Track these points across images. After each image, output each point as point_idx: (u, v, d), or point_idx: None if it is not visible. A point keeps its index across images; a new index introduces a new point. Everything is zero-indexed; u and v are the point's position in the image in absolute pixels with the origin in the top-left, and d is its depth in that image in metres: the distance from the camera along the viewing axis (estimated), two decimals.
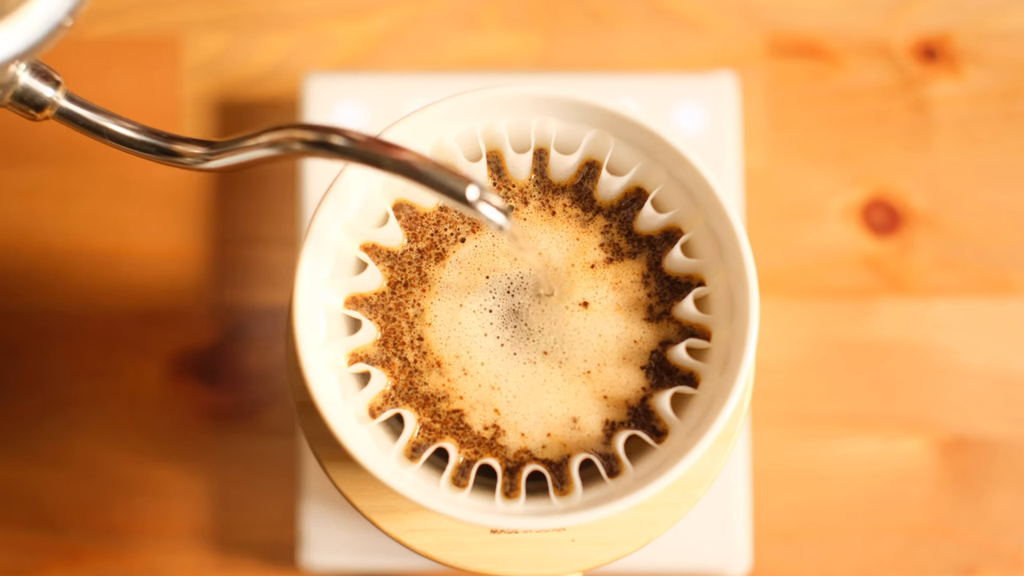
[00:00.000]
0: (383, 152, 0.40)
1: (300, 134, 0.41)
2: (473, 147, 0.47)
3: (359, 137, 0.40)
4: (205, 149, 0.44)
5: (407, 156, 0.40)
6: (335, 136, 0.40)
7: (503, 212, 0.41)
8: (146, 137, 0.45)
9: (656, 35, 0.72)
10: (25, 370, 0.70)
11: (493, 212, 0.40)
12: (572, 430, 0.46)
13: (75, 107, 0.45)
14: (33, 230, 0.71)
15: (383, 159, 0.40)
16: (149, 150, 0.45)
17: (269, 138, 0.42)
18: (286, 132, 0.41)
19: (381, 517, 0.49)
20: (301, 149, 0.41)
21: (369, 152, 0.40)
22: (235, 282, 0.70)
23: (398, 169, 0.40)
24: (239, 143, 0.43)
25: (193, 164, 0.45)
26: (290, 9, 0.72)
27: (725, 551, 0.65)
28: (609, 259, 0.47)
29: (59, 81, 0.44)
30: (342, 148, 0.40)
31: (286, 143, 0.41)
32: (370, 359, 0.46)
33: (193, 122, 0.71)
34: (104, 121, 0.45)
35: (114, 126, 0.45)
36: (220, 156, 0.44)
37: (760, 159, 0.71)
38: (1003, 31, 0.72)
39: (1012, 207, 0.71)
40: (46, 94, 0.44)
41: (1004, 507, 0.69)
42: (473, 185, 0.40)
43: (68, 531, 0.69)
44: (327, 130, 0.40)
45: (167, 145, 0.45)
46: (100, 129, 0.45)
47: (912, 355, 0.70)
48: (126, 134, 0.45)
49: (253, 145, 0.43)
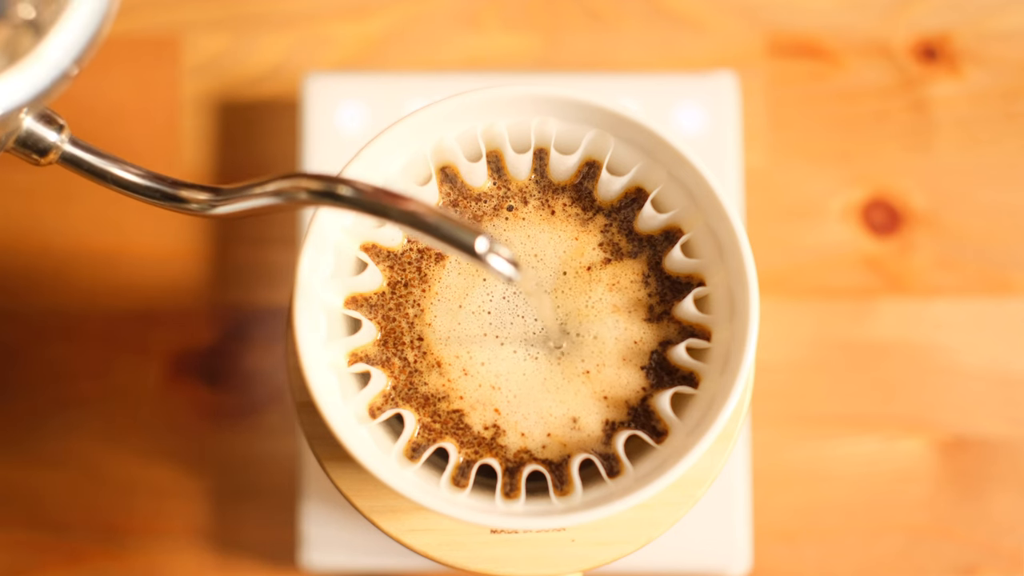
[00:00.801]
0: (390, 203, 0.39)
1: (306, 183, 0.41)
2: (473, 147, 0.47)
3: (366, 188, 0.40)
4: (211, 196, 0.44)
5: (414, 207, 0.39)
6: (342, 187, 0.40)
7: (513, 264, 0.40)
8: (151, 183, 0.45)
9: (656, 35, 0.72)
10: (25, 370, 0.70)
11: (503, 264, 0.40)
12: (572, 430, 0.46)
13: (79, 151, 0.44)
14: (33, 230, 0.71)
15: (390, 210, 0.39)
16: (154, 196, 0.45)
17: (276, 187, 0.42)
18: (292, 181, 0.41)
19: (381, 517, 0.49)
20: (307, 198, 0.41)
21: (376, 203, 0.39)
22: (235, 282, 0.70)
23: (405, 220, 0.39)
24: (245, 191, 0.43)
25: (199, 211, 0.44)
26: (290, 9, 0.73)
27: (725, 551, 0.65)
28: (607, 259, 0.47)
29: (63, 125, 0.44)
30: (348, 199, 0.40)
31: (292, 192, 0.41)
32: (370, 359, 0.46)
33: (193, 122, 0.71)
34: (108, 166, 0.45)
35: (119, 171, 0.45)
36: (225, 203, 0.44)
37: (760, 159, 0.71)
38: (1003, 31, 0.72)
39: (1012, 207, 0.71)
40: (50, 139, 0.44)
41: (1004, 507, 0.69)
42: (482, 237, 0.39)
43: (68, 531, 0.69)
44: (334, 180, 0.40)
45: (172, 191, 0.45)
46: (104, 174, 0.45)
47: (912, 355, 0.70)
48: (131, 179, 0.45)
49: (259, 193, 0.42)
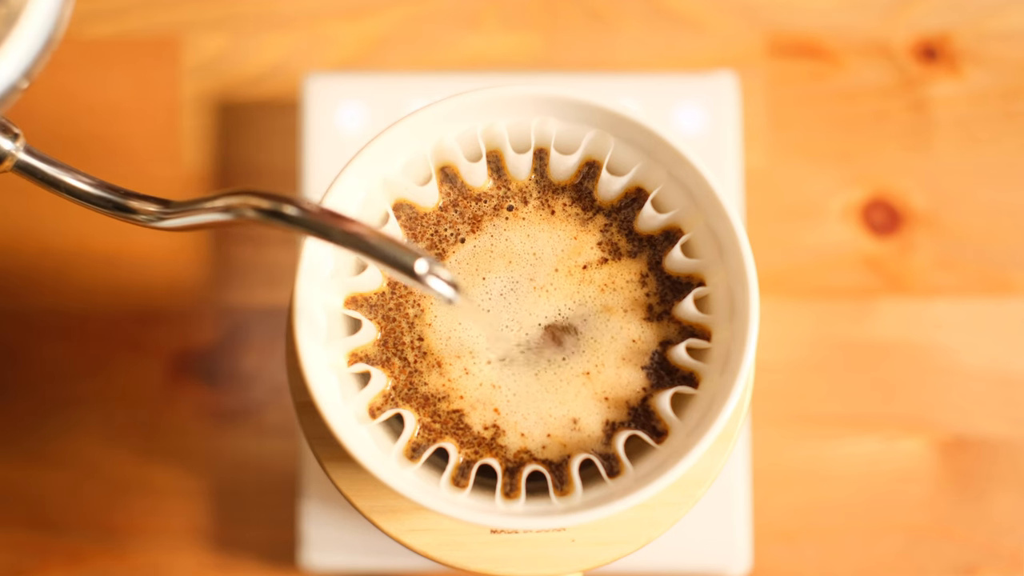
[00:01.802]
0: (334, 224, 0.40)
1: (255, 201, 0.41)
2: (473, 147, 0.47)
3: (311, 208, 0.40)
4: (160, 208, 0.44)
5: (357, 229, 0.40)
6: (288, 206, 0.40)
7: (452, 285, 0.41)
8: (103, 192, 0.45)
9: (656, 35, 0.72)
10: (25, 370, 0.70)
11: (442, 286, 0.40)
12: (572, 430, 0.46)
13: (34, 160, 0.44)
14: (33, 230, 0.71)
15: (333, 231, 0.40)
16: (106, 205, 0.45)
17: (224, 203, 0.42)
18: (241, 198, 0.41)
19: (381, 517, 0.49)
20: (254, 216, 0.41)
21: (320, 223, 0.40)
22: (235, 282, 0.70)
23: (347, 242, 0.40)
24: (195, 205, 0.43)
25: (147, 222, 0.44)
26: (290, 9, 0.73)
27: (725, 551, 0.65)
28: (605, 259, 0.47)
29: (17, 134, 0.44)
30: (294, 218, 0.40)
31: (240, 209, 0.41)
32: (370, 359, 0.46)
33: (193, 122, 0.71)
34: (62, 175, 0.45)
35: (72, 180, 0.45)
36: (174, 216, 0.44)
37: (760, 159, 0.71)
38: (1003, 31, 0.72)
39: (1012, 207, 0.71)
40: (4, 147, 0.44)
41: (1004, 507, 0.69)
42: (422, 259, 0.40)
43: (68, 531, 0.69)
44: (280, 199, 0.40)
45: (123, 201, 0.45)
46: (58, 183, 0.45)
47: (912, 355, 0.70)
48: (83, 188, 0.45)
49: (209, 208, 0.42)
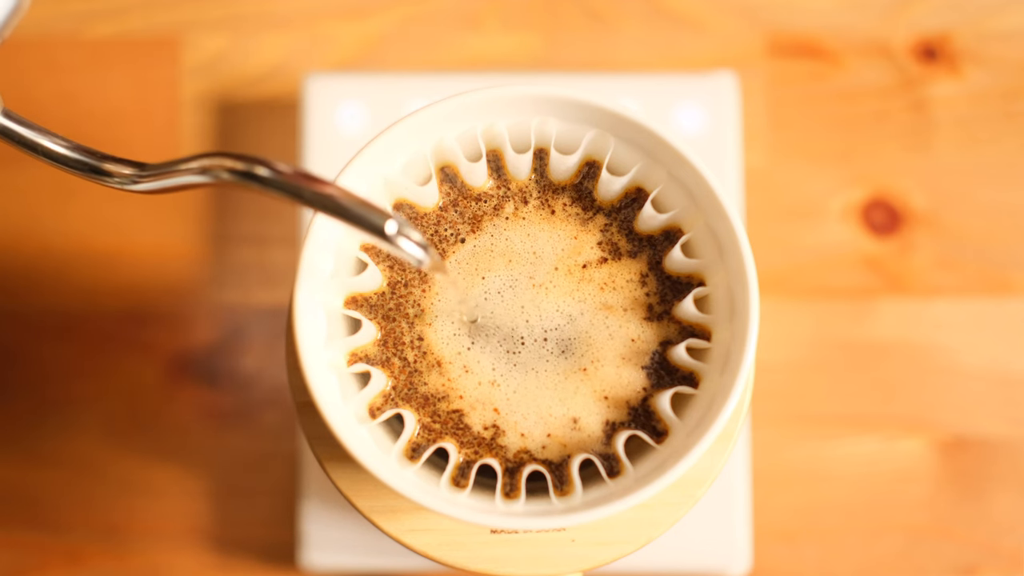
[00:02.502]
0: (305, 185, 0.40)
1: (229, 163, 0.41)
2: (473, 147, 0.47)
3: (285, 169, 0.40)
4: (134, 171, 0.44)
5: (329, 190, 0.40)
6: (260, 167, 0.41)
7: (421, 247, 0.41)
8: (78, 155, 0.45)
9: (656, 35, 0.72)
10: (25, 370, 0.70)
11: (412, 247, 0.41)
12: (572, 430, 0.46)
13: (11, 124, 0.45)
14: (33, 230, 0.71)
15: (304, 191, 0.40)
16: (81, 167, 0.45)
17: (199, 164, 0.42)
18: (215, 160, 0.42)
19: (381, 517, 0.49)
20: (228, 178, 0.41)
21: (292, 184, 0.40)
22: (235, 282, 0.70)
23: (318, 203, 0.40)
24: (169, 167, 0.43)
25: (121, 185, 0.45)
26: (290, 9, 0.73)
27: (725, 551, 0.65)
28: (604, 258, 0.47)
29: None
30: (267, 179, 0.41)
31: (214, 171, 0.42)
32: (370, 359, 0.46)
33: (193, 122, 0.71)
34: (38, 138, 0.45)
35: (48, 143, 0.45)
36: (149, 179, 0.44)
37: (760, 159, 0.71)
38: (1003, 31, 0.72)
39: (1012, 207, 0.71)
40: None
41: (1004, 507, 0.69)
42: (391, 220, 0.40)
43: (68, 531, 0.69)
44: (253, 160, 0.41)
45: (97, 164, 0.45)
46: (35, 146, 0.45)
47: (912, 355, 0.70)
48: (59, 151, 0.45)
49: (183, 170, 0.43)
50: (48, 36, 0.72)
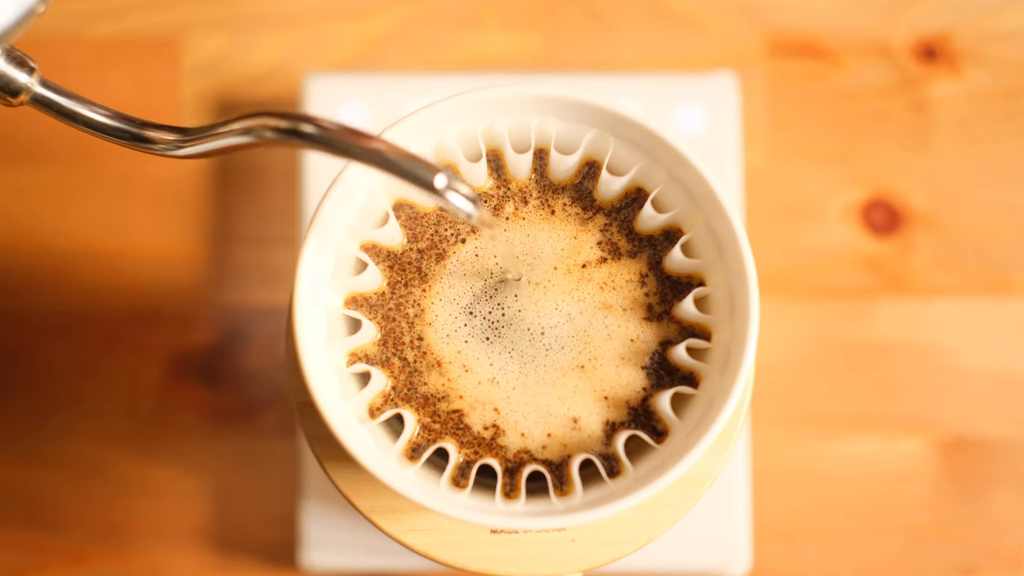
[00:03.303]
0: (353, 141, 0.40)
1: (272, 122, 0.41)
2: (473, 147, 0.47)
3: (331, 126, 0.40)
4: (178, 136, 0.44)
5: (377, 145, 0.40)
6: (306, 124, 0.40)
7: (471, 200, 0.41)
8: (119, 123, 0.45)
9: (656, 35, 0.72)
10: (25, 370, 0.70)
11: (461, 200, 0.41)
12: (572, 430, 0.46)
13: (50, 93, 0.44)
14: (33, 230, 0.71)
15: (353, 147, 0.40)
16: (123, 136, 0.45)
17: (242, 125, 0.42)
18: (258, 119, 0.41)
19: (381, 517, 0.49)
20: (273, 137, 0.41)
21: (339, 140, 0.40)
22: (235, 282, 0.70)
23: (367, 158, 0.40)
24: (212, 130, 0.43)
25: (165, 151, 0.44)
26: (290, 9, 0.73)
27: (725, 551, 0.65)
28: (603, 258, 0.47)
29: (34, 68, 0.44)
30: (313, 136, 0.40)
31: (258, 130, 0.41)
32: (370, 359, 0.46)
33: (193, 122, 0.71)
34: (78, 107, 0.45)
35: (88, 112, 0.45)
36: (192, 143, 0.44)
37: (760, 159, 0.71)
38: (1003, 31, 0.72)
39: (1012, 207, 0.71)
40: (21, 80, 0.44)
41: (1004, 507, 0.69)
42: (441, 174, 0.40)
43: (68, 531, 0.69)
44: (298, 118, 0.41)
45: (139, 131, 0.45)
46: (74, 115, 0.45)
47: (912, 355, 0.70)
48: (99, 120, 0.45)
49: (225, 132, 0.42)
50: (49, 36, 0.72)
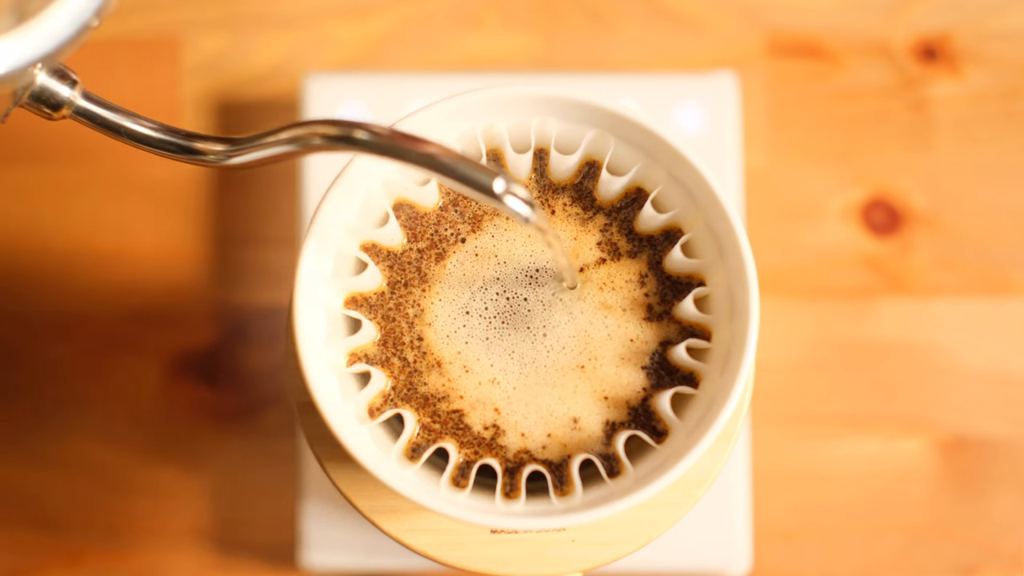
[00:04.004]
0: (407, 145, 0.40)
1: (323, 129, 0.41)
2: (473, 147, 0.47)
3: (383, 131, 0.40)
4: (227, 146, 0.44)
5: (431, 149, 0.40)
6: (359, 131, 0.40)
7: (529, 204, 0.40)
8: (166, 136, 0.45)
9: (656, 35, 0.72)
10: (25, 370, 0.70)
11: (519, 205, 0.40)
12: (572, 430, 0.46)
13: (92, 106, 0.44)
14: (33, 230, 0.71)
15: (407, 152, 0.40)
16: (170, 148, 0.45)
17: (291, 134, 0.42)
18: (308, 128, 0.41)
19: (381, 517, 0.49)
20: (322, 144, 0.41)
21: (393, 145, 0.40)
22: (235, 282, 0.70)
23: (423, 162, 0.40)
24: (260, 139, 0.43)
25: (216, 162, 0.44)
26: (290, 9, 0.73)
27: (725, 551, 0.65)
28: (603, 258, 0.47)
29: (76, 80, 0.44)
30: (366, 142, 0.40)
31: (307, 139, 0.41)
32: (370, 359, 0.46)
33: (193, 122, 0.71)
34: (122, 120, 0.44)
35: (133, 125, 0.45)
36: (241, 153, 0.43)
37: (760, 159, 0.71)
38: (1003, 31, 0.72)
39: (1012, 207, 0.71)
40: (63, 93, 0.43)
41: (1004, 507, 0.69)
42: (500, 178, 0.40)
43: (68, 531, 0.69)
44: (350, 125, 0.40)
45: (188, 143, 0.44)
46: (118, 128, 0.44)
47: (912, 355, 0.70)
48: (145, 133, 0.45)
49: (274, 142, 0.42)
50: None
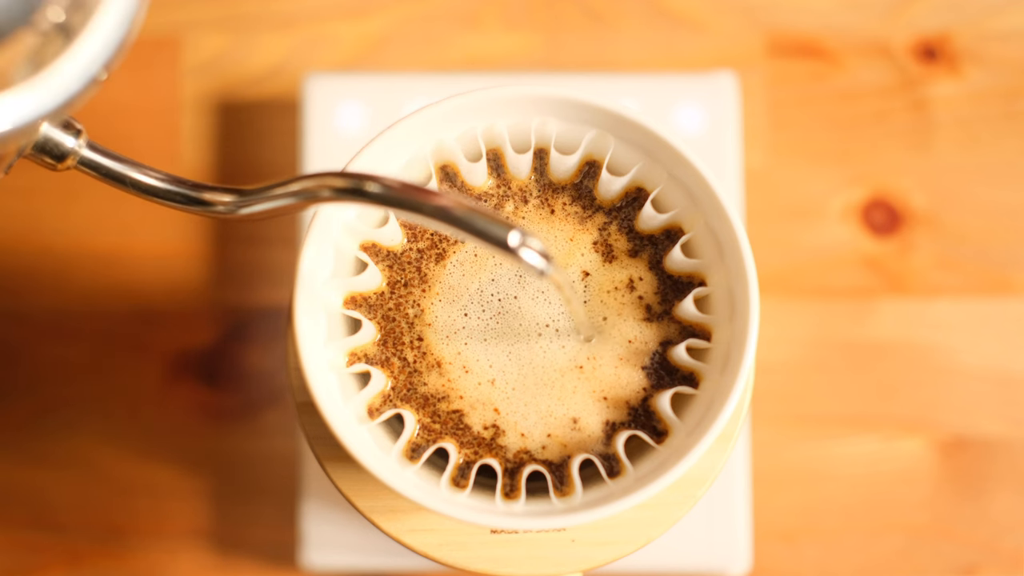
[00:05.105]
0: (419, 199, 0.39)
1: (332, 182, 0.40)
2: (473, 147, 0.47)
3: (394, 183, 0.39)
4: (235, 197, 0.43)
5: (444, 202, 0.39)
6: (370, 183, 0.39)
7: (545, 257, 0.40)
8: (173, 186, 0.44)
9: (656, 35, 0.72)
10: (25, 370, 0.70)
11: (535, 258, 0.40)
12: (572, 431, 0.46)
13: (97, 156, 0.43)
14: (34, 230, 0.71)
15: (421, 205, 0.39)
16: (177, 199, 0.44)
17: (300, 186, 0.41)
18: (317, 180, 0.40)
19: (381, 517, 0.49)
20: (331, 196, 0.40)
21: (405, 198, 0.39)
22: (235, 282, 0.70)
23: (436, 215, 0.39)
24: (268, 191, 0.42)
25: (225, 213, 0.43)
26: (290, 9, 0.73)
27: (725, 551, 0.65)
28: (603, 258, 0.47)
29: (80, 130, 0.43)
30: (377, 195, 0.39)
31: (316, 191, 0.40)
32: (370, 359, 0.46)
33: (193, 122, 0.71)
34: (128, 170, 0.44)
35: (138, 175, 0.44)
36: (249, 204, 0.43)
37: (760, 159, 0.71)
38: (1003, 31, 0.72)
39: (1012, 207, 0.71)
40: (68, 144, 0.43)
41: (1004, 507, 0.69)
42: (515, 231, 0.39)
43: (68, 531, 0.69)
44: (361, 177, 0.40)
45: (195, 194, 0.44)
46: (124, 178, 0.44)
47: (912, 355, 0.70)
48: (152, 184, 0.44)
49: (282, 193, 0.42)
50: None
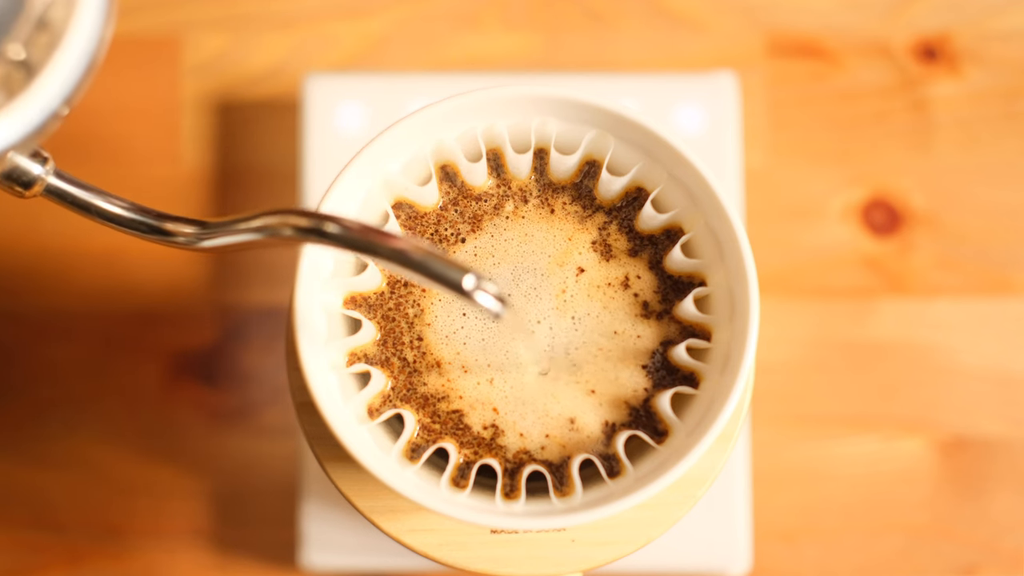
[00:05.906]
0: (376, 240, 0.39)
1: (293, 220, 0.40)
2: (473, 147, 0.47)
3: (353, 225, 0.39)
4: (197, 229, 0.44)
5: (400, 245, 0.39)
6: (329, 224, 0.40)
7: (499, 300, 0.40)
8: (136, 215, 0.44)
9: (656, 35, 0.72)
10: (25, 370, 0.70)
11: (489, 301, 0.40)
12: (570, 431, 0.46)
13: (64, 184, 0.44)
14: (33, 230, 0.71)
15: (377, 247, 0.39)
16: (140, 228, 0.44)
17: (262, 223, 0.41)
18: (280, 217, 0.41)
19: (381, 517, 0.49)
20: (293, 235, 0.40)
21: (362, 240, 0.39)
22: (235, 282, 0.70)
23: (393, 257, 0.39)
24: (231, 225, 0.42)
25: (185, 244, 0.44)
26: (290, 9, 0.73)
27: (725, 551, 0.65)
28: (603, 258, 0.47)
29: (47, 158, 0.43)
30: (335, 236, 0.40)
31: (277, 228, 0.41)
32: (369, 359, 0.46)
33: (193, 122, 0.71)
34: (93, 199, 0.44)
35: (104, 204, 0.44)
36: (211, 237, 0.43)
37: (760, 159, 0.71)
38: (1003, 31, 0.72)
39: (1012, 207, 0.71)
40: (34, 172, 0.43)
41: (1004, 507, 0.69)
42: (470, 274, 0.39)
43: (68, 531, 0.69)
44: (321, 217, 0.40)
45: (158, 224, 0.44)
46: (89, 207, 0.44)
47: (912, 355, 0.70)
48: (116, 212, 0.44)
49: (245, 228, 0.42)
50: None
